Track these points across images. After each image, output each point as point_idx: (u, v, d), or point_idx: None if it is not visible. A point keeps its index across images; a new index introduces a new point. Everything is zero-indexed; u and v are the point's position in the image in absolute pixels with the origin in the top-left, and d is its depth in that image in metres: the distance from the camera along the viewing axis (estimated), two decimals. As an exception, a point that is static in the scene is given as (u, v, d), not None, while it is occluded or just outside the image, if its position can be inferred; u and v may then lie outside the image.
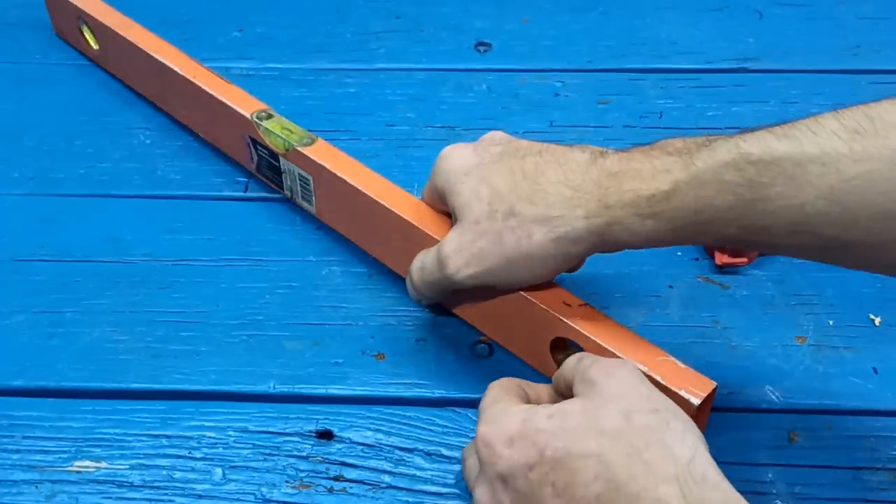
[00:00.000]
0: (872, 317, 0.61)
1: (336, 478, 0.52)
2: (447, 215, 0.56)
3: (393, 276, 0.63)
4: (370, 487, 0.52)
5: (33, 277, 0.64)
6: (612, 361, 0.46)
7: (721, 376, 0.57)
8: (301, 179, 0.63)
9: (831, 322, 0.60)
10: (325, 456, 0.53)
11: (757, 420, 0.55)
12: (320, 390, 0.57)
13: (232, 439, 0.54)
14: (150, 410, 0.56)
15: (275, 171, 0.66)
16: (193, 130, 0.74)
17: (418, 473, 0.53)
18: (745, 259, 0.63)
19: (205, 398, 0.56)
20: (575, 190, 0.48)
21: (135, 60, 0.75)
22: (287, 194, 0.66)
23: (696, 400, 0.46)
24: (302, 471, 0.53)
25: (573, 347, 0.52)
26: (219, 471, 0.53)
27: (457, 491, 0.52)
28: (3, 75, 0.82)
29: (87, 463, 0.53)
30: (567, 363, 0.48)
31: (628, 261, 0.64)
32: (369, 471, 0.53)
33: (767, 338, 0.59)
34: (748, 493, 0.51)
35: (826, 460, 0.53)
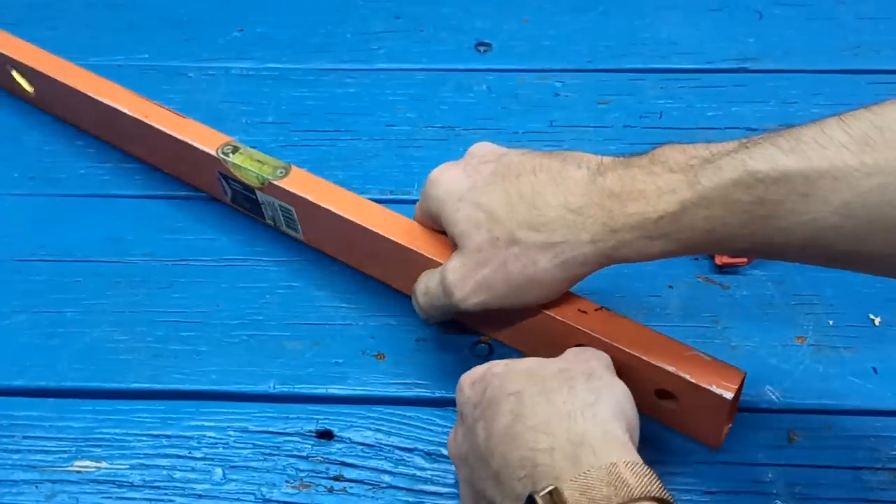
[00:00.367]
0: (872, 317, 0.61)
1: (336, 478, 0.52)
2: (442, 233, 0.56)
3: (393, 276, 0.63)
4: (370, 487, 0.52)
5: (33, 277, 0.64)
6: (589, 349, 0.49)
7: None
8: (283, 210, 0.61)
9: (831, 322, 0.60)
10: (325, 456, 0.53)
11: (757, 420, 0.55)
12: (320, 390, 0.57)
13: (232, 439, 0.54)
14: (151, 410, 0.56)
15: (252, 203, 0.64)
16: (158, 168, 0.71)
17: (418, 473, 0.53)
18: (745, 259, 0.63)
19: (205, 398, 0.56)
20: (577, 214, 0.47)
21: (76, 103, 0.71)
22: (270, 224, 0.65)
23: (728, 394, 0.47)
24: (302, 471, 0.53)
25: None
26: (219, 471, 0.53)
27: (457, 491, 0.52)
28: (4, 75, 0.82)
29: (88, 463, 0.53)
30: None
31: (628, 261, 0.64)
32: (369, 471, 0.53)
33: (767, 338, 0.59)
34: (748, 493, 0.51)
35: (826, 460, 0.53)
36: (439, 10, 0.89)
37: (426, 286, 0.53)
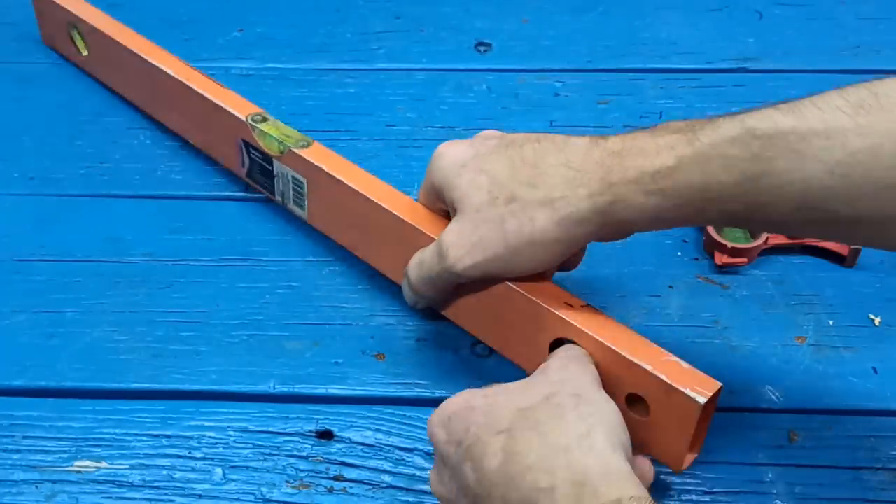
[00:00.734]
0: (872, 317, 0.61)
1: (336, 478, 0.52)
2: (444, 216, 0.56)
3: (393, 276, 0.63)
4: (370, 487, 0.52)
5: (33, 277, 0.64)
6: (574, 360, 0.48)
7: (721, 376, 0.57)
8: (294, 183, 0.63)
9: (831, 322, 0.60)
10: (325, 456, 0.53)
11: (757, 420, 0.55)
12: (320, 390, 0.57)
13: (232, 439, 0.54)
14: (151, 410, 0.56)
15: (267, 176, 0.65)
16: (183, 136, 0.73)
17: (418, 473, 0.53)
18: (745, 259, 0.63)
19: (205, 398, 0.56)
20: (577, 171, 0.47)
21: (126, 65, 0.74)
22: (278, 199, 0.66)
23: (702, 399, 0.46)
24: (302, 471, 0.53)
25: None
26: (219, 471, 0.53)
27: (457, 491, 0.52)
28: (3, 75, 0.82)
29: (88, 463, 0.53)
30: (552, 354, 0.49)
31: (628, 261, 0.64)
32: (369, 471, 0.53)
33: (767, 338, 0.59)
34: (748, 493, 0.51)
35: (826, 460, 0.53)
36: (439, 10, 0.90)
37: (420, 258, 0.53)
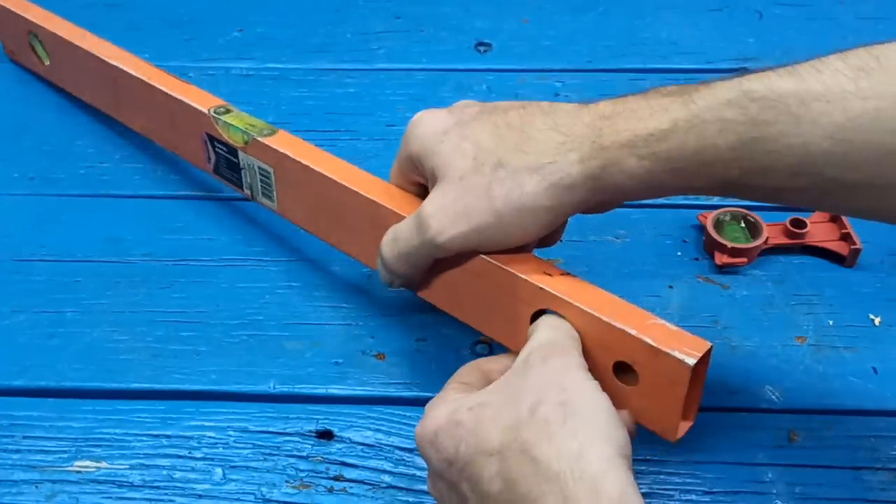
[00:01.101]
0: (872, 317, 0.61)
1: (336, 478, 0.52)
2: (419, 196, 0.53)
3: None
4: (370, 487, 0.52)
5: (33, 277, 0.64)
6: (556, 346, 0.44)
7: (721, 376, 0.57)
8: (261, 173, 0.61)
9: (831, 322, 0.60)
10: (325, 456, 0.53)
11: (757, 420, 0.55)
12: (320, 390, 0.57)
13: (232, 439, 0.54)
14: (151, 410, 0.56)
15: (233, 169, 0.63)
16: (149, 138, 0.72)
17: (418, 473, 0.53)
18: (745, 259, 0.63)
19: (205, 398, 0.56)
20: (566, 135, 0.46)
21: (87, 69, 0.73)
22: (247, 194, 0.64)
23: (691, 360, 0.43)
24: (302, 471, 0.53)
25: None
26: (219, 471, 0.53)
27: (457, 491, 0.52)
28: (3, 75, 0.82)
29: (88, 463, 0.53)
30: (532, 326, 0.47)
31: (628, 261, 0.64)
32: (369, 471, 0.53)
33: (767, 338, 0.59)
34: (748, 493, 0.51)
35: (826, 460, 0.53)
36: (439, 10, 0.90)
37: (395, 233, 0.50)
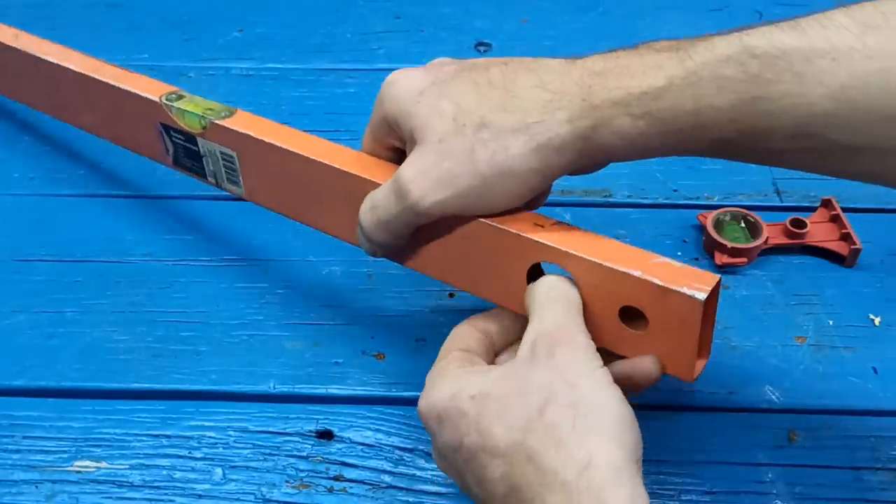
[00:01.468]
0: (872, 317, 0.61)
1: (336, 478, 0.52)
2: (394, 162, 0.50)
3: (393, 276, 0.63)
4: (370, 487, 0.52)
5: (33, 277, 0.64)
6: (561, 330, 0.42)
7: (721, 376, 0.57)
8: (224, 159, 0.57)
9: (831, 322, 0.60)
10: (325, 456, 0.53)
11: (757, 420, 0.55)
12: (320, 390, 0.57)
13: (232, 439, 0.54)
14: (151, 410, 0.56)
15: (194, 158, 0.59)
16: (101, 137, 0.68)
17: (418, 473, 0.53)
18: (745, 259, 0.63)
19: (205, 398, 0.56)
20: (554, 93, 0.43)
21: (26, 72, 0.69)
22: (211, 182, 0.60)
23: (702, 295, 0.40)
24: (302, 471, 0.53)
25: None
26: (219, 471, 0.53)
27: (456, 491, 0.52)
28: (3, 75, 0.82)
29: (88, 463, 0.53)
30: (529, 291, 0.44)
31: (628, 261, 0.64)
32: (369, 471, 0.53)
33: (767, 338, 0.59)
34: (748, 493, 0.51)
35: (826, 460, 0.53)
36: (439, 10, 0.90)
37: (373, 201, 0.47)
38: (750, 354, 0.58)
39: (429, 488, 0.52)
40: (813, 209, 0.68)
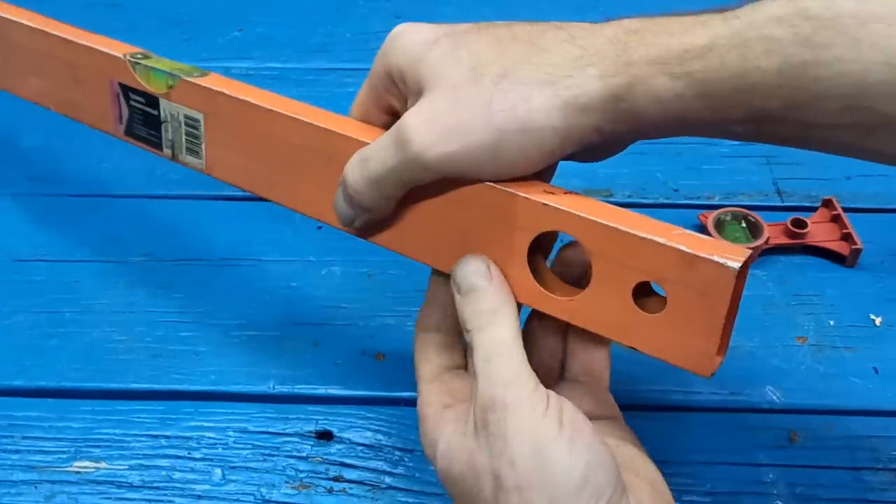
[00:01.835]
0: (873, 317, 0.61)
1: (336, 478, 0.52)
2: (389, 119, 0.45)
3: (393, 276, 0.63)
4: (370, 488, 0.52)
5: (33, 277, 0.64)
6: (497, 398, 0.38)
7: (722, 376, 0.57)
8: (188, 123, 0.52)
9: (832, 322, 0.60)
10: (325, 456, 0.53)
11: (757, 420, 0.55)
12: (320, 390, 0.57)
13: (231, 440, 0.54)
14: (150, 411, 0.56)
15: (151, 125, 0.54)
16: (42, 104, 0.62)
17: (418, 474, 0.52)
18: (746, 259, 0.63)
19: (204, 398, 0.56)
20: (585, 49, 0.39)
21: None
22: (167, 154, 0.55)
23: (735, 264, 0.37)
24: (301, 471, 0.53)
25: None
26: (218, 471, 0.53)
27: (457, 491, 0.51)
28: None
29: (87, 463, 0.53)
30: (471, 358, 0.40)
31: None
32: (369, 471, 0.53)
33: (768, 338, 0.59)
34: (749, 494, 0.51)
35: (827, 461, 0.52)
36: (440, 10, 0.90)
37: (364, 153, 0.42)
38: (751, 354, 0.58)
39: (429, 489, 0.52)
40: (814, 209, 0.68)
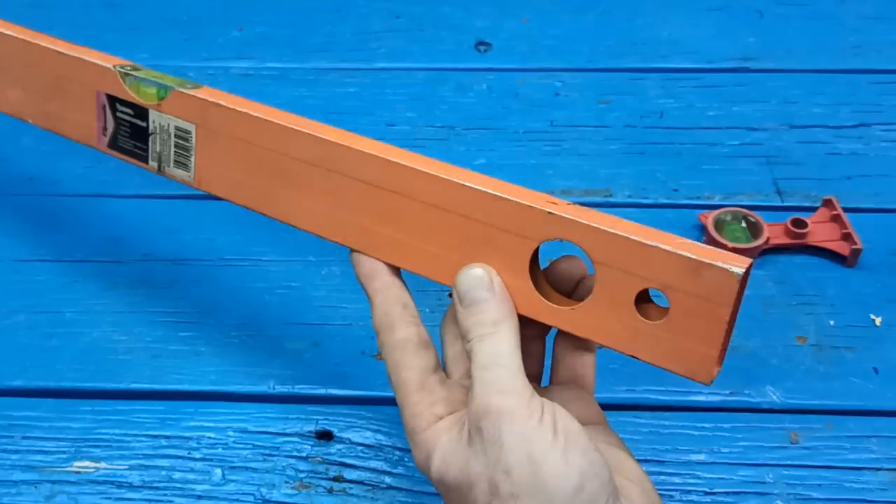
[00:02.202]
0: (873, 317, 0.61)
1: (336, 478, 0.52)
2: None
3: (393, 276, 0.63)
4: (370, 488, 0.52)
5: (33, 277, 0.64)
6: (490, 409, 0.38)
7: (721, 376, 0.57)
8: (178, 135, 0.52)
9: (832, 322, 0.60)
10: (325, 456, 0.53)
11: (758, 420, 0.55)
12: (320, 390, 0.57)
13: (231, 440, 0.54)
14: (150, 411, 0.56)
15: (138, 137, 0.55)
16: (23, 118, 0.61)
17: (418, 474, 0.52)
18: (746, 259, 0.63)
19: (204, 398, 0.56)
20: None
21: None
22: (153, 167, 0.55)
23: (739, 269, 0.38)
24: (302, 471, 0.53)
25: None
26: (218, 471, 0.53)
27: (457, 491, 0.51)
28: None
29: (87, 463, 0.53)
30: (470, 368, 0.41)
31: (629, 261, 0.64)
32: (369, 471, 0.53)
33: (768, 338, 0.59)
34: (749, 494, 0.51)
35: (827, 461, 0.52)
36: (439, 10, 0.89)
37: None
38: (751, 354, 0.58)
39: (429, 489, 0.52)
40: (814, 209, 0.68)
